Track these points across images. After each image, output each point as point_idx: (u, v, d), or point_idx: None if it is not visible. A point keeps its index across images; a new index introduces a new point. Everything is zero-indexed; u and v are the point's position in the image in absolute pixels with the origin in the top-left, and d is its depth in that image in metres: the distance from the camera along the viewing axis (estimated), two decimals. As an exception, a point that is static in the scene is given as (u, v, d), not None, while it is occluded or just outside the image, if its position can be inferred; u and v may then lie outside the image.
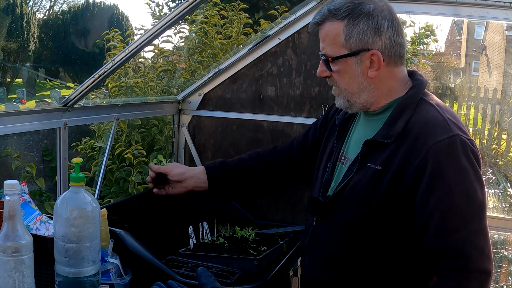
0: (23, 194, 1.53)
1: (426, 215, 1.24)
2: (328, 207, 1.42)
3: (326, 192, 1.49)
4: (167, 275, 1.47)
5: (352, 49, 1.33)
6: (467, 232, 1.20)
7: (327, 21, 1.36)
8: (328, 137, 1.62)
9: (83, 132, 4.41)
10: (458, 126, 1.29)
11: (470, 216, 1.21)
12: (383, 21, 1.32)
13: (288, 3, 8.35)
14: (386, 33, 1.33)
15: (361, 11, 1.32)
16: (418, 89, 1.38)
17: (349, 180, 1.38)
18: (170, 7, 10.70)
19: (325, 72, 1.42)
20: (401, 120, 1.31)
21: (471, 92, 7.79)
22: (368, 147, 1.35)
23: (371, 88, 1.37)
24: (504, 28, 12.55)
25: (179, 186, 1.75)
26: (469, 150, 1.25)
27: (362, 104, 1.40)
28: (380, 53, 1.33)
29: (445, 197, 1.22)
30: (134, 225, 1.89)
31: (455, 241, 1.20)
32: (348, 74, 1.37)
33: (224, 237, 1.95)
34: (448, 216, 1.21)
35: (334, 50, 1.36)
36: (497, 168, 4.27)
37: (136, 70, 3.96)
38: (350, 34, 1.32)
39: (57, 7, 25.62)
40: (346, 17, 1.32)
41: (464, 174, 1.23)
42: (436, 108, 1.33)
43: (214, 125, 2.84)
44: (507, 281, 3.13)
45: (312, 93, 2.59)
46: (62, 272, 1.19)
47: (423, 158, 1.24)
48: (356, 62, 1.35)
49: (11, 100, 15.40)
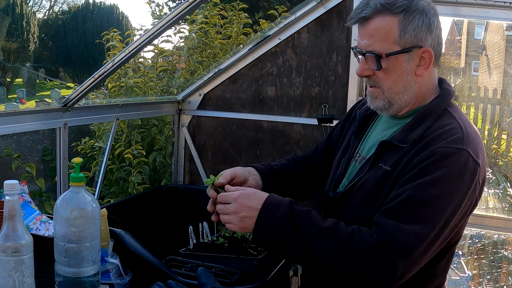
0: (23, 194, 1.53)
1: (392, 196, 1.23)
2: (336, 204, 1.42)
3: (337, 187, 1.48)
4: (167, 275, 1.47)
5: (406, 45, 1.28)
6: (411, 228, 1.17)
7: (378, 15, 1.28)
8: (347, 130, 1.61)
9: (83, 132, 4.42)
10: (473, 145, 1.25)
11: (427, 219, 1.18)
12: (434, 18, 1.30)
13: (288, 3, 8.37)
14: (436, 30, 1.30)
15: (417, 6, 1.28)
16: (443, 98, 1.35)
17: (359, 178, 1.37)
18: (170, 7, 10.70)
19: (368, 70, 1.34)
20: (420, 128, 1.29)
21: (471, 92, 7.78)
22: (383, 148, 1.34)
23: (415, 87, 1.33)
24: (504, 28, 12.54)
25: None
26: (469, 168, 1.22)
27: (401, 105, 1.36)
28: (432, 50, 1.30)
29: (416, 189, 1.19)
30: (134, 225, 1.89)
31: (396, 227, 1.17)
32: (397, 71, 1.31)
33: (224, 237, 1.95)
34: (408, 206, 1.19)
35: (386, 46, 1.29)
36: (497, 168, 4.26)
37: (136, 70, 3.96)
38: (405, 29, 1.27)
39: (57, 7, 25.67)
40: (402, 11, 1.27)
41: (457, 181, 1.20)
42: (458, 121, 1.30)
43: (214, 125, 2.84)
44: (507, 281, 3.13)
45: (312, 93, 2.59)
46: (62, 272, 1.19)
47: (426, 154, 1.23)
48: (407, 59, 1.30)
49: (11, 100, 15.40)
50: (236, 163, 2.79)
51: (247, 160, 2.78)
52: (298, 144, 2.65)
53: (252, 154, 2.77)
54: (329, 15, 2.48)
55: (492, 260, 3.16)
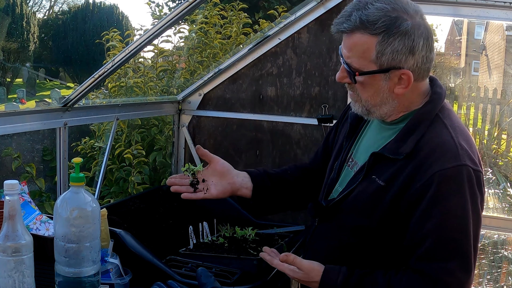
0: (23, 194, 1.53)
1: (418, 238, 1.23)
2: (330, 211, 1.42)
3: (330, 192, 1.48)
4: (167, 275, 1.47)
5: (383, 66, 1.24)
6: (453, 265, 1.19)
7: (357, 32, 1.23)
8: (340, 131, 1.59)
9: (83, 132, 4.42)
10: (468, 154, 1.24)
11: (460, 249, 1.20)
12: (419, 40, 1.23)
13: (288, 3, 8.36)
14: (420, 52, 1.24)
15: (399, 29, 1.21)
16: (434, 104, 1.31)
17: (353, 189, 1.36)
18: (170, 7, 10.70)
19: (346, 79, 1.31)
20: (411, 139, 1.27)
21: (471, 92, 7.77)
22: (374, 160, 1.33)
23: (394, 102, 1.31)
24: (504, 28, 12.54)
25: (223, 183, 1.52)
26: (474, 182, 1.23)
27: (381, 115, 1.34)
28: (411, 72, 1.24)
29: (440, 227, 1.20)
30: (134, 225, 1.89)
31: (440, 269, 1.20)
32: (373, 88, 1.28)
33: (224, 237, 1.95)
34: (439, 246, 1.21)
35: (362, 63, 1.25)
36: (497, 168, 4.26)
37: (136, 70, 3.97)
38: (383, 51, 1.22)
39: (57, 7, 25.68)
40: (382, 33, 1.21)
41: (464, 207, 1.21)
42: (449, 131, 1.28)
43: (214, 125, 2.84)
44: (507, 281, 3.13)
45: (312, 93, 2.59)
46: (62, 272, 1.19)
47: (427, 181, 1.21)
48: (384, 78, 1.26)
49: (11, 100, 15.40)
50: (236, 163, 2.79)
51: (247, 160, 2.78)
52: (298, 144, 2.65)
53: (252, 154, 2.77)
54: (329, 15, 2.47)
55: (492, 260, 3.16)
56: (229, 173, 1.53)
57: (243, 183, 1.54)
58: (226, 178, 1.53)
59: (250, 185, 1.55)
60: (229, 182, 1.52)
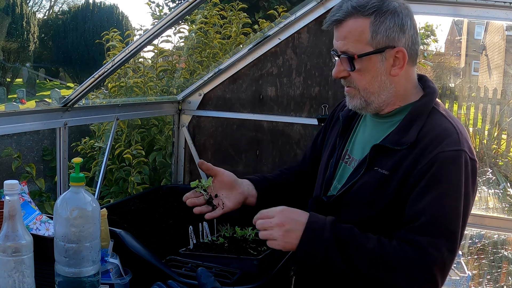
0: (23, 194, 1.53)
1: (413, 212, 1.26)
2: (331, 207, 1.42)
3: (328, 190, 1.49)
4: (167, 275, 1.47)
5: (378, 46, 1.31)
6: (441, 242, 1.22)
7: (350, 17, 1.32)
8: (330, 133, 1.62)
9: (83, 132, 4.42)
10: (467, 143, 1.31)
11: (450, 229, 1.24)
12: (407, 19, 1.32)
13: (288, 3, 8.36)
14: (409, 30, 1.32)
15: (388, 7, 1.30)
16: (431, 97, 1.38)
17: (354, 182, 1.38)
18: (170, 7, 10.70)
19: (343, 72, 1.36)
20: (413, 129, 1.32)
21: (471, 92, 7.78)
22: (376, 152, 1.35)
23: (392, 87, 1.36)
24: (504, 28, 12.56)
25: (234, 194, 1.56)
26: (470, 169, 1.28)
27: (379, 104, 1.38)
28: (405, 50, 1.32)
29: (437, 202, 1.24)
30: (134, 225, 1.89)
31: (428, 243, 1.22)
32: (371, 72, 1.33)
33: (224, 237, 1.95)
34: (432, 222, 1.23)
35: (359, 47, 1.31)
36: (497, 168, 4.27)
37: (136, 70, 3.96)
38: (377, 31, 1.30)
39: (57, 7, 25.67)
40: (373, 13, 1.30)
41: (460, 189, 1.25)
42: (448, 119, 1.34)
43: (214, 125, 2.84)
44: (507, 281, 3.13)
45: (312, 93, 2.59)
46: (62, 272, 1.19)
47: (429, 161, 1.26)
48: (381, 59, 1.32)
49: (11, 100, 15.39)
50: (236, 163, 2.79)
51: (247, 160, 2.78)
52: (298, 144, 2.65)
53: (252, 154, 2.77)
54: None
55: (492, 260, 3.16)
56: (236, 183, 1.58)
57: (249, 191, 1.60)
58: (235, 188, 1.58)
59: (255, 193, 1.61)
60: (239, 192, 1.58)
